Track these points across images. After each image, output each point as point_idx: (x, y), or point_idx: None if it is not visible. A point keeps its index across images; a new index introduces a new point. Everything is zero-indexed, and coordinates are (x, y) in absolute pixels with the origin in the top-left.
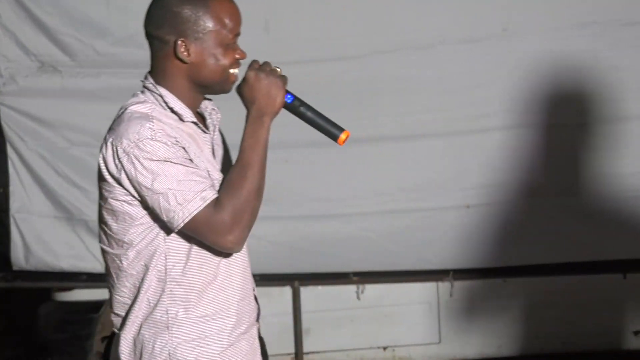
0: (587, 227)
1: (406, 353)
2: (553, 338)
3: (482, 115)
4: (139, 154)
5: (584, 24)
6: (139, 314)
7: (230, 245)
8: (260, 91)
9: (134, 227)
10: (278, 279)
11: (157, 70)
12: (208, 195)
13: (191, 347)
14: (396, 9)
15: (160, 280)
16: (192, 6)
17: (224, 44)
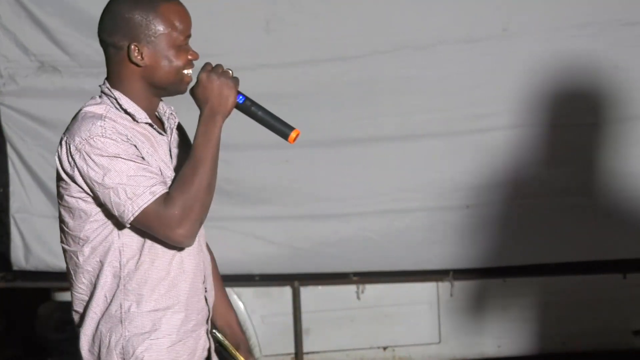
0: (587, 227)
1: (406, 353)
2: (553, 338)
3: (482, 116)
4: (90, 151)
5: (583, 24)
6: (97, 310)
7: (180, 238)
8: (213, 92)
9: (88, 224)
10: (278, 279)
11: (113, 75)
12: (158, 190)
13: (142, 339)
14: (396, 9)
15: (115, 276)
16: (142, 11)
17: (176, 45)
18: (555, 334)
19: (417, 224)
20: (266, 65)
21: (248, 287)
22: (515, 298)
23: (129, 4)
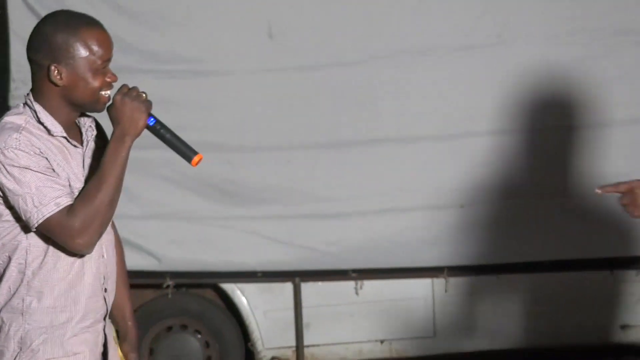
0: (576, 226)
1: (402, 346)
2: (544, 332)
3: (477, 119)
4: (3, 160)
5: (576, 31)
6: (0, 299)
7: (79, 247)
8: (125, 114)
9: (1, 223)
10: (279, 275)
11: (36, 89)
12: (63, 201)
13: (40, 332)
14: (395, 15)
15: (20, 272)
16: (64, 34)
17: (94, 68)
18: (545, 329)
19: (413, 223)
20: (269, 70)
21: (251, 284)
22: (507, 294)
23: (53, 26)
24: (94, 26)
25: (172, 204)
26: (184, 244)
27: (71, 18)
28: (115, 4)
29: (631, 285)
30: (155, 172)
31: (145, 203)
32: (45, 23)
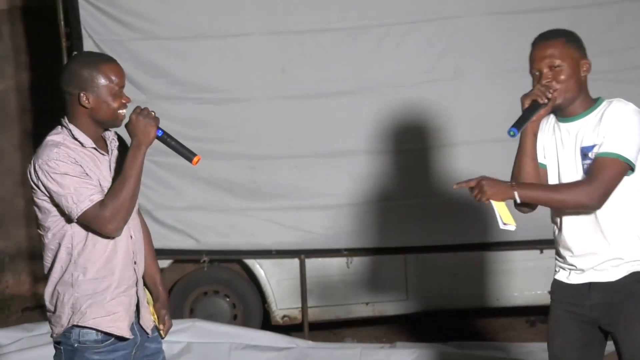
0: (452, 220)
1: (382, 307)
2: (490, 296)
3: (421, 138)
4: (48, 169)
5: (513, 68)
6: (55, 275)
7: (110, 232)
8: (139, 128)
9: (50, 217)
10: (289, 253)
11: (69, 113)
12: (95, 198)
13: (86, 299)
14: (377, 57)
15: (68, 254)
16: (89, 69)
17: (112, 93)
18: (491, 293)
19: (389, 213)
20: (281, 97)
21: (267, 259)
22: (462, 267)
23: (80, 63)
24: (111, 62)
25: (208, 199)
26: (217, 229)
27: (92, 56)
28: (166, 47)
29: (503, 263)
30: (196, 175)
31: (188, 198)
32: (74, 62)
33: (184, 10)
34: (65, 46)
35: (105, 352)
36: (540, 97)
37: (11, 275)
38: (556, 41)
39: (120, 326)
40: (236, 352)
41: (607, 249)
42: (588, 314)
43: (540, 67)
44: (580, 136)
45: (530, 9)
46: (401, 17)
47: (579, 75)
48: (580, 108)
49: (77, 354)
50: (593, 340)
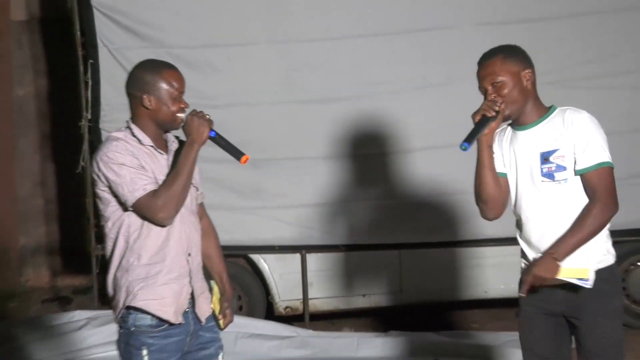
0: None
1: (378, 299)
2: (479, 287)
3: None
4: (107, 160)
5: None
6: (115, 262)
7: (160, 220)
8: (193, 128)
9: (109, 207)
10: (291, 248)
11: (133, 114)
12: (149, 187)
13: (138, 282)
14: (375, 64)
15: (125, 241)
16: (151, 74)
17: (172, 97)
18: (480, 286)
19: (385, 211)
20: (285, 102)
21: (271, 254)
22: (453, 262)
23: (144, 69)
24: (172, 68)
25: (216, 199)
26: (224, 226)
27: (156, 63)
28: (175, 55)
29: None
30: (205, 176)
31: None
32: (139, 68)
33: (193, 20)
34: (81, 55)
35: (159, 337)
36: (487, 111)
37: (31, 269)
38: (494, 59)
39: (167, 311)
40: (242, 341)
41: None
42: (555, 308)
43: (484, 85)
44: (539, 142)
45: (517, 20)
46: (396, 27)
47: (522, 86)
48: (534, 116)
49: (133, 337)
50: (561, 329)
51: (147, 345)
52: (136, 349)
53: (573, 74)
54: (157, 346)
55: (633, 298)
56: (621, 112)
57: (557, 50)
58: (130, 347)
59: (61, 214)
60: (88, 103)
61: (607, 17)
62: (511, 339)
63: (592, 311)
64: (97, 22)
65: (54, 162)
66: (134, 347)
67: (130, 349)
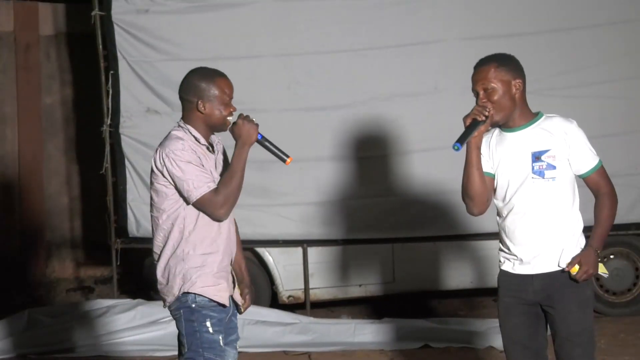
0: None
1: (373, 288)
2: (465, 278)
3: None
4: (174, 157)
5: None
6: (168, 252)
7: (220, 216)
8: (243, 131)
9: (167, 200)
10: (294, 242)
11: (187, 116)
12: (212, 185)
13: (195, 270)
14: (370, 73)
15: (180, 233)
16: (206, 82)
17: (224, 103)
18: (466, 276)
19: (380, 208)
20: (288, 110)
21: (275, 248)
22: (442, 254)
23: (198, 76)
24: (224, 76)
25: None
26: None
27: (209, 71)
28: (189, 67)
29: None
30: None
31: None
32: (193, 75)
33: (204, 35)
34: (103, 66)
35: (218, 311)
36: (478, 115)
37: (57, 261)
38: (488, 66)
39: (223, 296)
40: (248, 327)
41: (550, 241)
42: (531, 298)
43: (476, 88)
44: (530, 142)
45: (498, 35)
46: (389, 42)
47: (511, 94)
48: (522, 120)
49: (196, 313)
50: (536, 318)
51: (210, 317)
52: (201, 322)
53: (550, 84)
54: (217, 318)
55: (606, 288)
56: (593, 119)
57: (536, 62)
58: (194, 321)
59: (84, 211)
60: (109, 110)
61: (580, 33)
62: (495, 325)
63: (565, 300)
64: (117, 37)
65: (79, 163)
66: (198, 320)
67: (194, 323)
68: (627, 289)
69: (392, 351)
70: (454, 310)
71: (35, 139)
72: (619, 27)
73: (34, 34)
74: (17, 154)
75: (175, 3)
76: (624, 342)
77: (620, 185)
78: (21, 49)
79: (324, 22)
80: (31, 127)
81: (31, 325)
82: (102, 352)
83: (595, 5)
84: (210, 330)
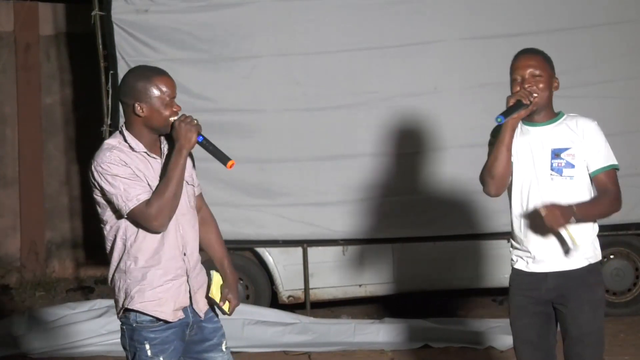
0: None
1: (373, 288)
2: (464, 277)
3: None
4: (101, 171)
5: (482, 84)
6: (114, 263)
7: (155, 228)
8: (181, 134)
9: (107, 212)
10: (294, 242)
11: (127, 121)
12: (142, 197)
13: (135, 284)
14: (371, 74)
15: (123, 244)
16: (142, 82)
17: (164, 103)
18: (465, 276)
19: (380, 209)
20: (287, 110)
21: (275, 247)
22: (441, 254)
23: (135, 77)
24: (163, 74)
25: (226, 197)
26: (233, 222)
27: (146, 70)
28: (187, 67)
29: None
30: (216, 177)
31: (208, 196)
32: (130, 76)
33: (204, 35)
34: (102, 66)
35: (160, 331)
36: (524, 98)
37: (57, 261)
38: (537, 55)
39: (164, 310)
40: (249, 327)
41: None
42: (544, 296)
43: (523, 73)
44: (551, 139)
45: (497, 35)
46: (389, 42)
47: (551, 89)
48: (546, 117)
49: (136, 333)
50: (547, 317)
51: (150, 339)
52: (139, 344)
53: None
54: (158, 339)
55: (606, 288)
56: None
57: None
58: (134, 342)
59: (84, 211)
60: (109, 110)
61: (579, 33)
62: (494, 326)
63: (578, 300)
64: (116, 37)
65: (79, 163)
66: (138, 341)
67: (135, 343)
68: (627, 289)
69: (392, 351)
70: (454, 310)
71: (35, 139)
72: (617, 27)
73: (34, 33)
74: (17, 154)
75: (175, 3)
76: (624, 342)
77: (620, 185)
78: (21, 49)
79: (324, 22)
80: (31, 127)
81: (31, 325)
82: (103, 352)
83: (594, 6)
84: (149, 353)
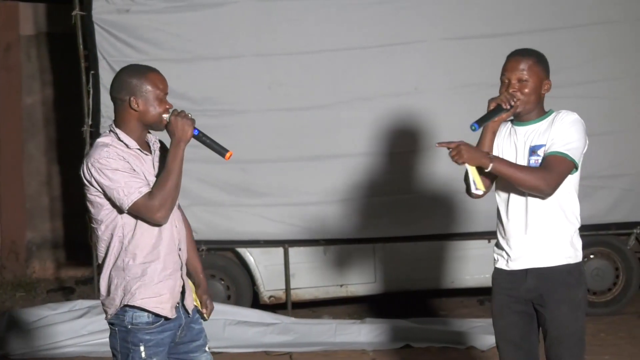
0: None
1: (354, 288)
2: (446, 278)
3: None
4: (99, 166)
5: (465, 84)
6: (109, 262)
7: (158, 220)
8: (177, 128)
9: (103, 211)
10: (275, 243)
11: (119, 118)
12: (143, 190)
13: (136, 281)
14: (351, 73)
15: (120, 242)
16: (137, 77)
17: (158, 99)
18: (446, 276)
19: (361, 209)
20: (269, 110)
21: (256, 248)
22: (422, 254)
23: (129, 73)
24: (156, 71)
25: (206, 197)
26: (213, 222)
27: (140, 67)
28: (169, 67)
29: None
30: (197, 177)
31: (190, 196)
32: (124, 73)
33: (185, 35)
34: (83, 66)
35: (155, 332)
36: (504, 102)
37: (37, 261)
38: (529, 58)
39: (165, 307)
40: (230, 327)
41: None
42: (524, 296)
43: (510, 76)
44: (530, 137)
45: (479, 35)
46: (371, 42)
47: (539, 92)
48: (534, 116)
49: (131, 334)
50: (530, 317)
51: (145, 341)
52: (134, 346)
53: None
54: (153, 341)
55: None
56: None
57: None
58: (128, 343)
59: (65, 211)
60: (90, 110)
61: (564, 33)
62: (476, 325)
63: (557, 300)
64: (97, 37)
65: (59, 163)
66: (132, 343)
67: (128, 345)
68: (607, 289)
69: (374, 351)
70: (436, 310)
71: (15, 139)
72: (603, 27)
73: (14, 33)
74: None
75: (156, 3)
76: (604, 342)
77: (601, 185)
78: (1, 48)
79: (306, 22)
80: (11, 127)
81: (12, 326)
82: (84, 353)
83: (579, 6)
84: (143, 355)
